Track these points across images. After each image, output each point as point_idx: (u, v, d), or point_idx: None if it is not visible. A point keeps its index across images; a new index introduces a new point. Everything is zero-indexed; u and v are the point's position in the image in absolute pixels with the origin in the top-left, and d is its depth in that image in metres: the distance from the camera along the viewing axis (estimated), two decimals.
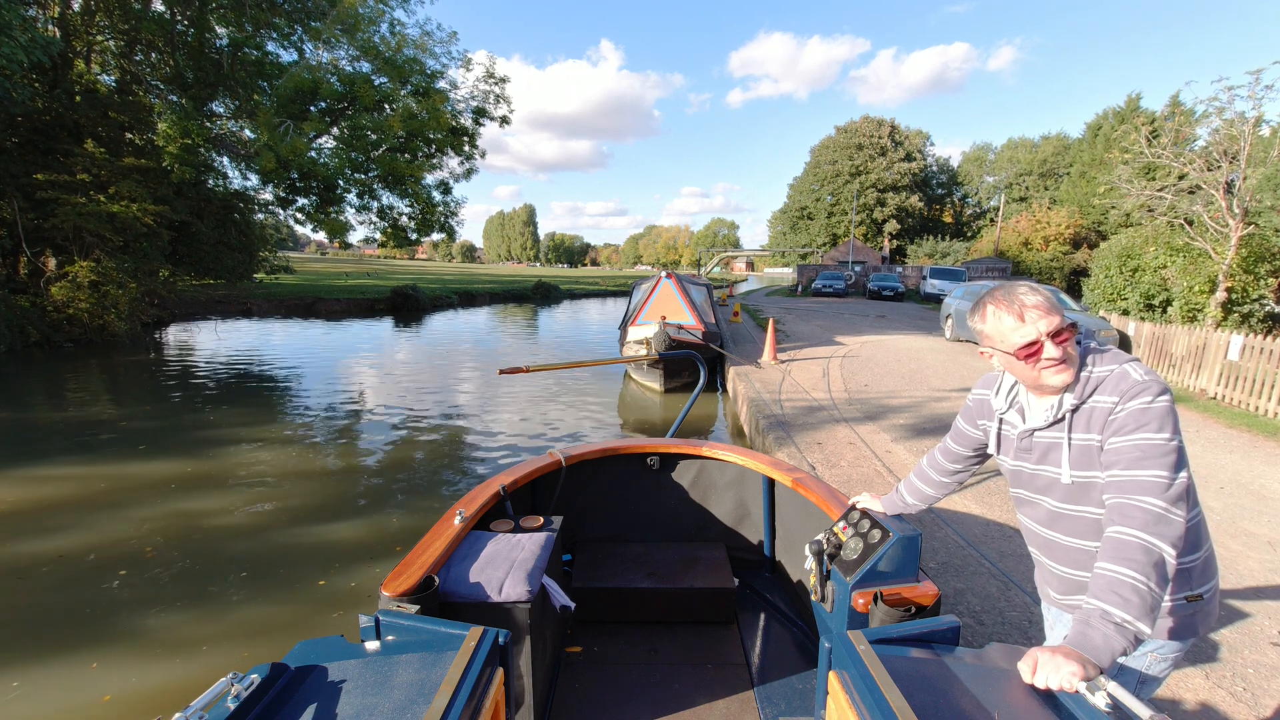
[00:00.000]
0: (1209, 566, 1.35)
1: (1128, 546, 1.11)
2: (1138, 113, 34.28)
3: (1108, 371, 1.28)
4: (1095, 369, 1.29)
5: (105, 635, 3.21)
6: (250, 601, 3.59)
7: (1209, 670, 2.55)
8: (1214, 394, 7.92)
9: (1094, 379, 1.29)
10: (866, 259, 44.25)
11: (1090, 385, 1.29)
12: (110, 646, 3.12)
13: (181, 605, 3.51)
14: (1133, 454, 1.19)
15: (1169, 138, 10.81)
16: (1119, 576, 1.09)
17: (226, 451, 6.25)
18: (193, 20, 16.13)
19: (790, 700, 2.13)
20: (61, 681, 2.86)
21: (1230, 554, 3.60)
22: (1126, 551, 1.11)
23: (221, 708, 1.00)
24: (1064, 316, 1.31)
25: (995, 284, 12.62)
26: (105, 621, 3.34)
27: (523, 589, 1.82)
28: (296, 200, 20.07)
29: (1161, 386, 1.23)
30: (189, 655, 3.08)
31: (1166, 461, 1.16)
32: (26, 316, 12.19)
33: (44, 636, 3.21)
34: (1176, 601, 1.31)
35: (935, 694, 1.07)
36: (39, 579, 3.74)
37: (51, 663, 2.98)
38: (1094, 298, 12.38)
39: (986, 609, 2.92)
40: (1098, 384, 1.28)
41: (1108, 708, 0.99)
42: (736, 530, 2.93)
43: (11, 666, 2.94)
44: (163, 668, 2.99)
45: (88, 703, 2.74)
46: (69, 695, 2.78)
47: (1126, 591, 1.07)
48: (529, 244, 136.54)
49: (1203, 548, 1.33)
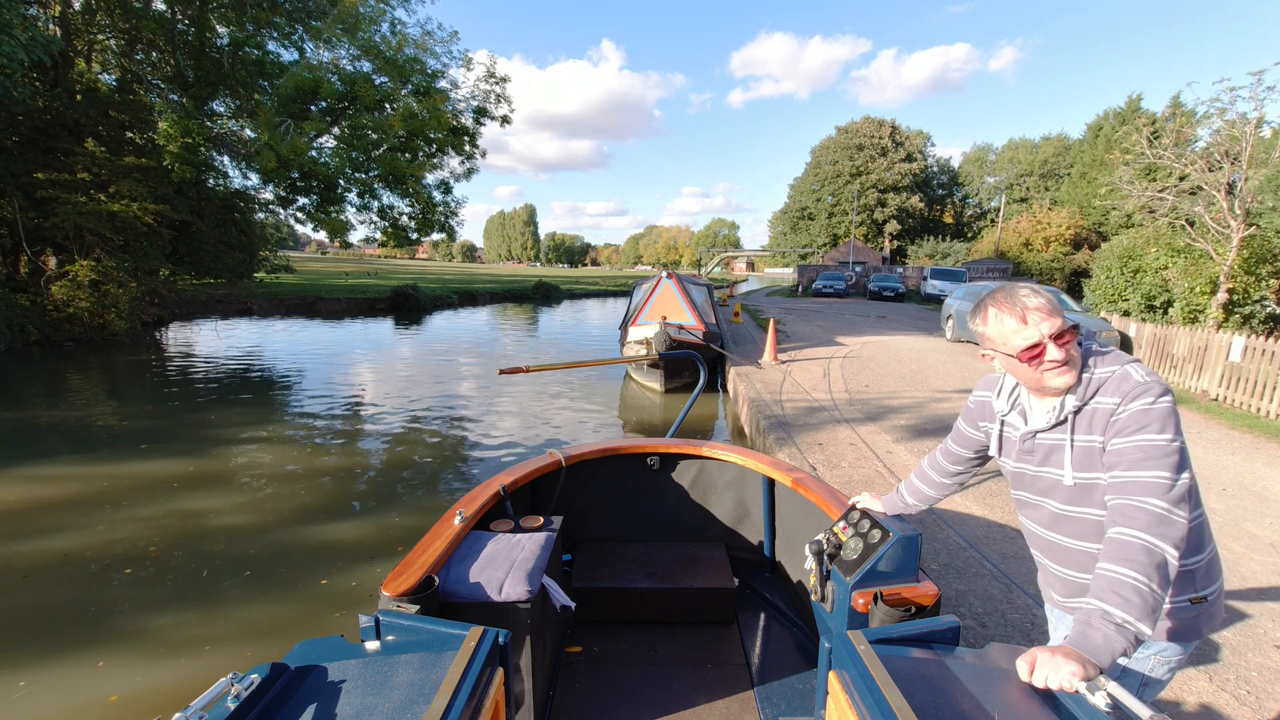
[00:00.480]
0: (1213, 568, 1.34)
1: (1129, 548, 1.11)
2: (1138, 113, 34.27)
3: (1109, 373, 1.27)
4: (1097, 370, 1.29)
5: (105, 635, 3.20)
6: (250, 601, 3.58)
7: (1212, 673, 2.54)
8: (1216, 395, 7.91)
9: (1096, 380, 1.29)
10: (867, 259, 44.25)
11: (1092, 387, 1.29)
12: (110, 646, 3.10)
13: (182, 605, 3.50)
14: (1134, 455, 1.19)
15: (1170, 138, 10.80)
16: (1120, 577, 1.08)
17: (227, 451, 6.24)
18: (193, 19, 16.13)
19: (790, 700, 2.13)
20: (63, 682, 2.85)
21: (1233, 556, 3.59)
22: (1128, 552, 1.10)
23: (221, 708, 0.99)
24: (1066, 318, 1.31)
25: (997, 285, 12.74)
26: (105, 621, 3.33)
27: (523, 589, 1.81)
28: (297, 199, 20.06)
29: (1163, 388, 1.23)
30: (189, 655, 3.07)
31: (1168, 462, 1.16)
32: (27, 315, 12.19)
33: (45, 637, 3.20)
34: (1179, 604, 1.30)
35: (935, 694, 1.07)
36: (40, 579, 3.73)
37: (52, 663, 2.97)
38: (1095, 299, 12.37)
39: (989, 611, 2.91)
40: (1099, 385, 1.28)
41: (1108, 708, 0.99)
42: (736, 530, 2.93)
43: (14, 666, 2.93)
44: (163, 667, 2.98)
45: (89, 703, 2.73)
46: (70, 695, 2.77)
47: (1128, 592, 1.06)
48: (529, 244, 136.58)
49: (1206, 549, 1.32)
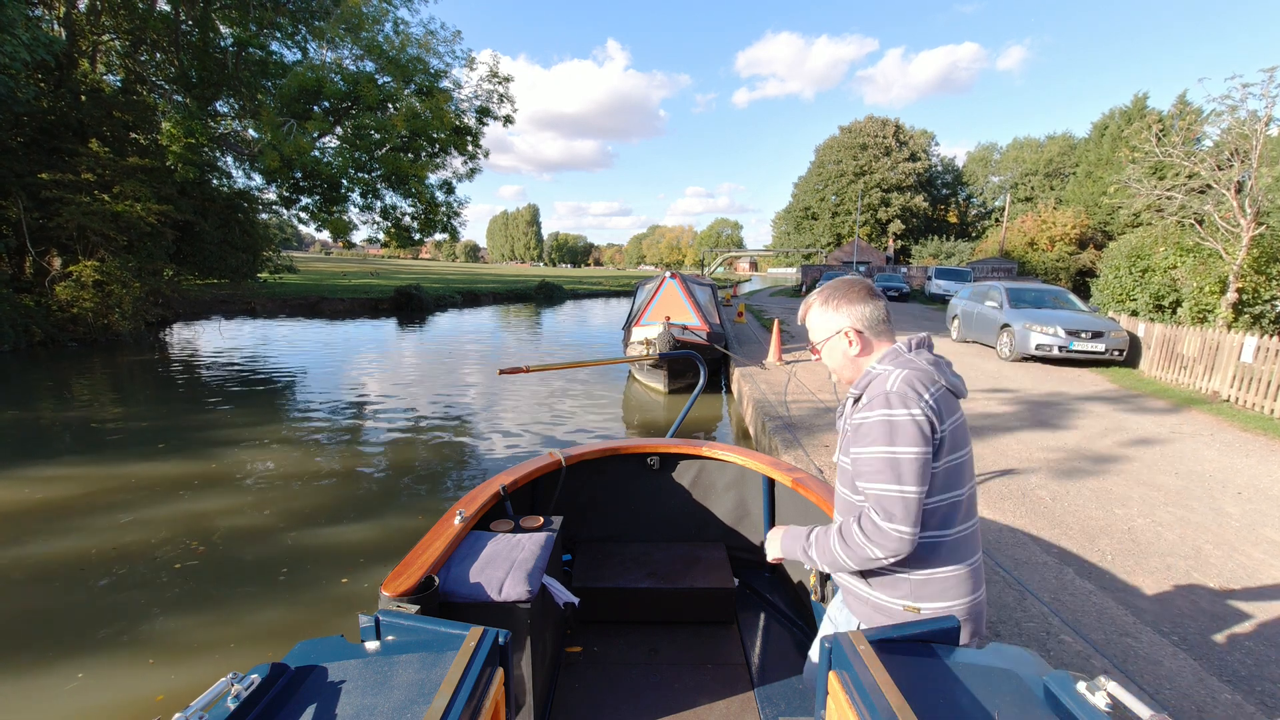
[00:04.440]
0: (935, 590, 1.32)
1: (837, 522, 1.37)
2: (1145, 112, 34.11)
3: (879, 373, 1.32)
4: (878, 368, 1.34)
5: (105, 635, 3.17)
6: (250, 601, 3.55)
7: (1236, 683, 2.47)
8: (1227, 396, 7.80)
9: (868, 376, 1.35)
10: (871, 259, 44.15)
11: (864, 381, 1.35)
12: (110, 646, 3.08)
13: (182, 605, 3.48)
14: (859, 456, 1.30)
15: (1179, 136, 10.69)
16: (827, 530, 1.38)
17: (228, 452, 6.21)
18: (197, 20, 16.17)
19: (790, 700, 2.13)
20: (63, 682, 2.82)
21: (1252, 563, 3.51)
22: (835, 524, 1.37)
23: (221, 708, 0.99)
24: (811, 316, 1.45)
25: (998, 284, 12.33)
26: (105, 621, 3.30)
27: (523, 589, 1.82)
28: (300, 199, 20.10)
29: (887, 402, 1.25)
30: (189, 655, 3.04)
31: (876, 470, 1.26)
32: (31, 315, 12.22)
33: (45, 637, 3.17)
34: (892, 606, 1.35)
35: (935, 694, 1.08)
36: (41, 579, 3.70)
37: (52, 663, 2.94)
38: (1103, 298, 12.25)
39: (1002, 619, 2.84)
40: (869, 381, 1.33)
41: (1107, 708, 0.99)
42: (736, 530, 2.94)
43: (14, 666, 2.90)
44: (163, 668, 2.95)
45: (89, 703, 2.69)
46: (70, 695, 2.73)
47: (822, 538, 1.38)
48: (532, 244, 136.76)
49: (927, 570, 1.31)
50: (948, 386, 1.30)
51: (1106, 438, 5.92)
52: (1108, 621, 2.85)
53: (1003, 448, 5.51)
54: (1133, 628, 2.81)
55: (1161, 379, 9.07)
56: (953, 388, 1.31)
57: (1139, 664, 2.55)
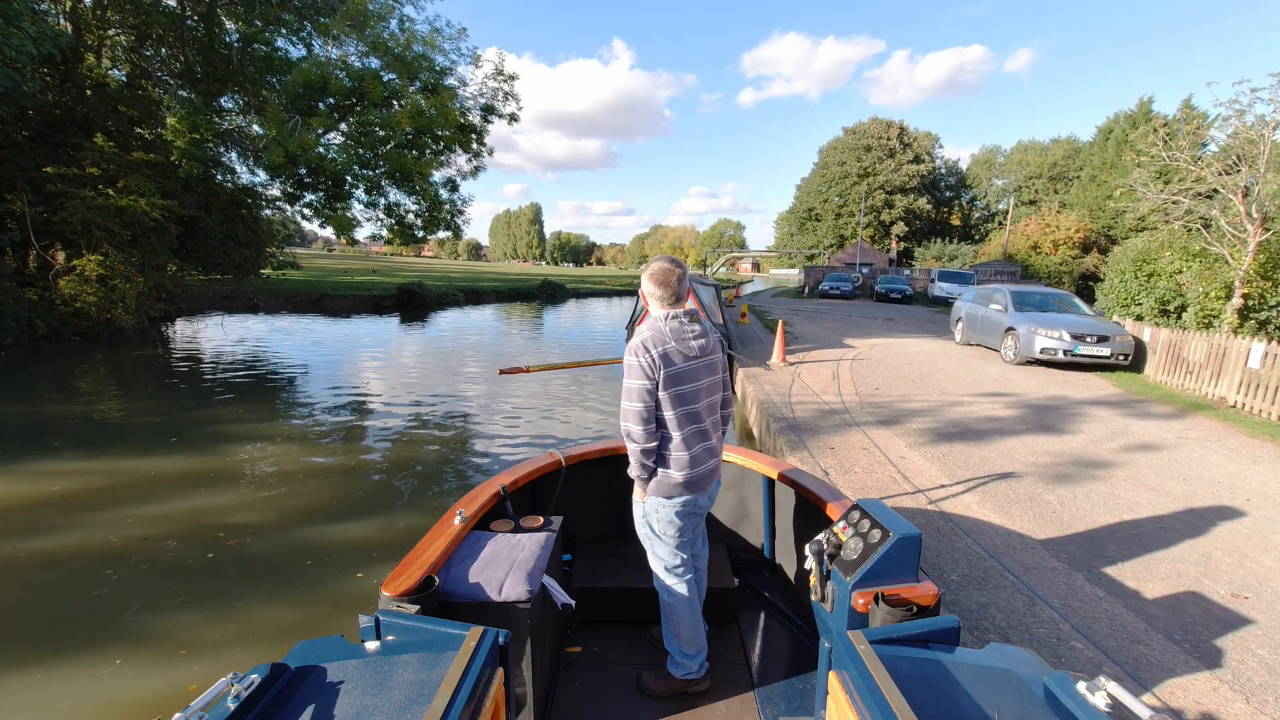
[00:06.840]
0: (666, 461, 2.05)
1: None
2: (1150, 117, 34.01)
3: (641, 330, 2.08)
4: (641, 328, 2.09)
5: (104, 635, 3.15)
6: (250, 601, 3.53)
7: (1250, 694, 2.43)
8: (1234, 402, 7.75)
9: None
10: (874, 261, 44.06)
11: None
12: (109, 646, 3.05)
13: (181, 604, 3.45)
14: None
15: (1185, 140, 10.63)
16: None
17: (229, 448, 6.20)
18: (203, 15, 16.18)
19: (790, 700, 2.15)
20: (62, 682, 2.80)
21: (1263, 570, 3.46)
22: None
23: (221, 708, 1.00)
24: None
25: (1003, 286, 12.28)
26: (104, 621, 3.28)
27: (523, 589, 1.82)
28: (304, 196, 20.11)
29: (633, 349, 2.00)
30: (189, 655, 3.02)
31: (626, 391, 2.00)
32: (34, 309, 12.22)
33: (44, 636, 3.15)
34: (650, 470, 2.07)
35: (935, 694, 1.08)
36: (41, 576, 3.68)
37: (51, 663, 2.92)
38: (1107, 302, 12.19)
39: (1013, 625, 2.80)
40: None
41: (1107, 708, 0.99)
42: (736, 530, 2.96)
43: (14, 666, 2.88)
44: (163, 667, 2.92)
45: (88, 703, 2.67)
46: (69, 695, 2.71)
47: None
48: (535, 242, 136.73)
49: (661, 450, 2.05)
50: (675, 346, 2.01)
51: (1112, 442, 5.88)
52: (1119, 628, 2.81)
53: (1008, 451, 5.47)
54: (1144, 635, 2.77)
55: (1167, 384, 9.02)
56: (680, 349, 2.02)
57: (1151, 671, 2.51)
